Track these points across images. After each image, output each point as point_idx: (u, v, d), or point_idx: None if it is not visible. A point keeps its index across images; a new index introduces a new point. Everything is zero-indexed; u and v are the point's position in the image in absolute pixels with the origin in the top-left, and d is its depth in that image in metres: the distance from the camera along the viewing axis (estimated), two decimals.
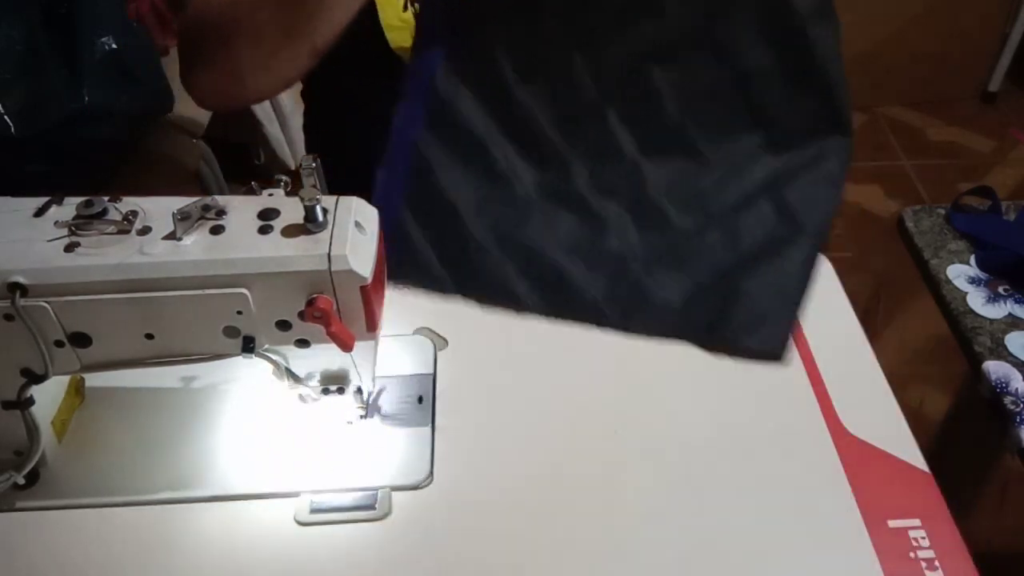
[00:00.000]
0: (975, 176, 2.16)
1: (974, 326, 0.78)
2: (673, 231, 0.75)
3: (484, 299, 0.75)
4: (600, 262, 0.74)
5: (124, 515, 0.61)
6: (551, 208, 0.76)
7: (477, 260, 0.75)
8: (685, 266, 0.74)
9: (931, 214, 0.92)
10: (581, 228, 0.76)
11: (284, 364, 0.61)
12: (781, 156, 0.76)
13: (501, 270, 0.74)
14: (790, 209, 0.74)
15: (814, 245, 0.73)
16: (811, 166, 0.76)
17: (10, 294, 0.52)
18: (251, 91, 0.82)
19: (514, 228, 0.76)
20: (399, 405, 0.67)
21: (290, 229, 0.54)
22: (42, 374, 0.57)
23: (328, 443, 0.64)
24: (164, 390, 0.69)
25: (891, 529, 0.57)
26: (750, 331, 0.70)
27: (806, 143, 0.76)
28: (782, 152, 0.76)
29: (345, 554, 0.58)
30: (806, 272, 0.72)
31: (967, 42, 2.30)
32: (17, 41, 1.10)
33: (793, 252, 0.72)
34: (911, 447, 0.63)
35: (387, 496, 0.61)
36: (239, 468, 0.63)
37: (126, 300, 0.53)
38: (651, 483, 0.62)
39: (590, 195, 0.76)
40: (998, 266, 0.84)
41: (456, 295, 0.75)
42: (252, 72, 0.76)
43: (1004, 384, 0.72)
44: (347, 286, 0.54)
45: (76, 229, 0.54)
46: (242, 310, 0.55)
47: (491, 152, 0.76)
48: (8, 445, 0.61)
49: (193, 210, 0.54)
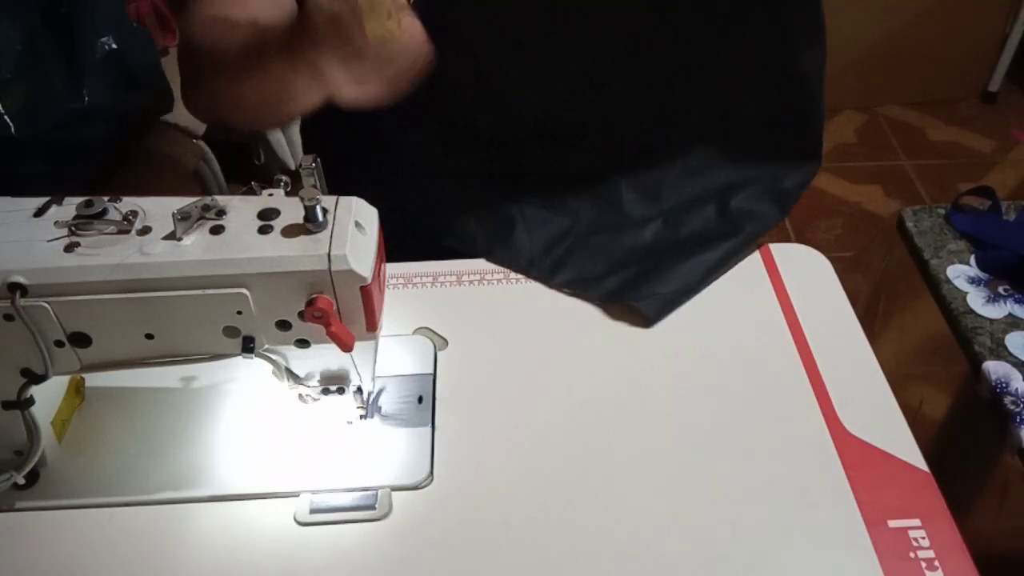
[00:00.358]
0: (975, 176, 2.16)
1: (974, 326, 0.78)
2: (622, 215, 0.81)
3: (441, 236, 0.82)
4: (548, 223, 0.81)
5: (124, 515, 0.61)
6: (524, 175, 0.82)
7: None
8: (619, 242, 0.79)
9: (931, 214, 0.92)
10: (543, 193, 0.81)
11: (284, 364, 0.61)
12: (741, 169, 0.80)
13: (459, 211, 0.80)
14: (731, 215, 0.79)
15: (734, 248, 0.77)
16: (767, 181, 0.79)
17: (10, 294, 0.52)
18: (239, 125, 0.83)
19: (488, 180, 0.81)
20: (399, 405, 0.67)
21: (290, 229, 0.54)
22: (42, 374, 0.57)
23: (328, 443, 0.64)
24: (164, 390, 0.69)
25: (891, 529, 0.57)
26: (641, 295, 0.74)
27: (770, 162, 0.80)
28: (745, 165, 0.80)
29: (345, 554, 0.58)
30: (716, 267, 0.77)
31: (967, 42, 2.30)
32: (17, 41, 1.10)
33: (716, 248, 0.77)
34: (911, 447, 0.63)
35: (387, 496, 0.61)
36: (239, 468, 0.63)
37: (126, 300, 0.53)
38: (651, 482, 0.62)
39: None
40: (998, 266, 0.84)
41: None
42: (235, 117, 0.77)
43: (1004, 384, 0.72)
44: (347, 286, 0.54)
45: (76, 229, 0.54)
46: (242, 310, 0.55)
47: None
48: (8, 445, 0.61)
49: (193, 210, 0.54)
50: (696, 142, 0.81)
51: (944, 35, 2.28)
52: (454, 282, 0.79)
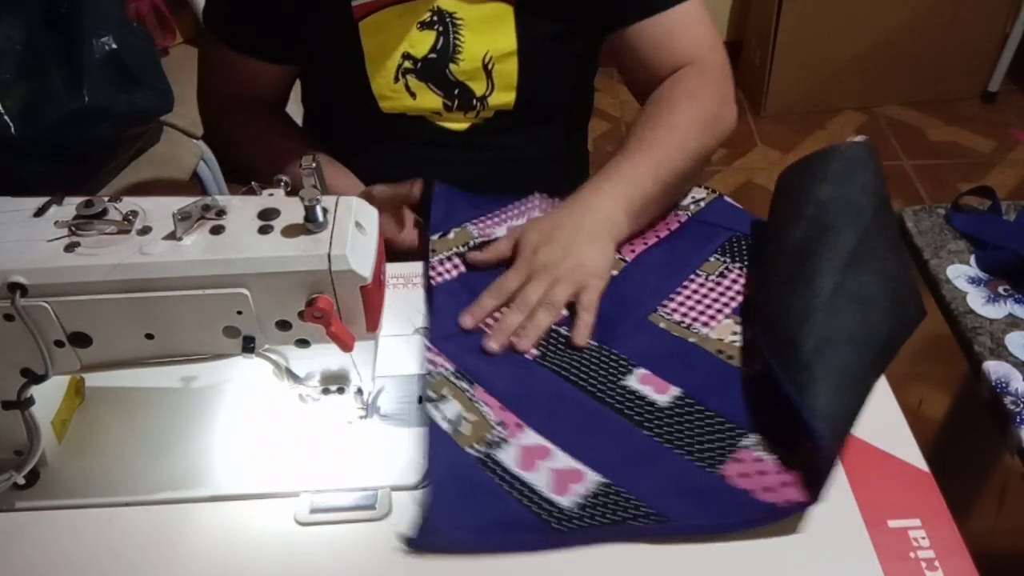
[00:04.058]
0: (975, 176, 2.16)
1: (974, 326, 0.78)
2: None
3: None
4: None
5: (124, 515, 0.61)
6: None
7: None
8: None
9: (931, 214, 0.92)
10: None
11: (284, 364, 0.61)
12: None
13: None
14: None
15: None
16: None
17: (10, 294, 0.52)
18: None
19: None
20: (399, 405, 0.67)
21: (290, 229, 0.54)
22: (42, 374, 0.57)
23: (328, 443, 0.64)
24: (164, 390, 0.69)
25: (891, 529, 0.57)
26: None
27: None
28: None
29: (345, 554, 0.58)
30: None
31: (967, 42, 2.30)
32: (17, 41, 1.10)
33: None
34: (911, 447, 0.63)
35: (387, 496, 0.61)
36: (239, 468, 0.63)
37: (126, 300, 0.53)
38: None
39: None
40: (998, 266, 0.84)
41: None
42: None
43: (1004, 384, 0.72)
44: (347, 286, 0.54)
45: (76, 229, 0.54)
46: (242, 310, 0.55)
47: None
48: (8, 445, 0.61)
49: (193, 210, 0.54)
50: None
51: (944, 35, 2.28)
52: None
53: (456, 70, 0.87)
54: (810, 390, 0.60)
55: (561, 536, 0.57)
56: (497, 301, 0.73)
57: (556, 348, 0.71)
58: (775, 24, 2.25)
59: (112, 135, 1.24)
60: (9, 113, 1.08)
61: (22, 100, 1.09)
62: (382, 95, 0.88)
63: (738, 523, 0.57)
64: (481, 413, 0.65)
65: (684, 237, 0.82)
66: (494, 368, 0.69)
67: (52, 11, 1.14)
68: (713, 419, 0.64)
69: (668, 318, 0.73)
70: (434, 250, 0.79)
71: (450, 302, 0.74)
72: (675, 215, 0.85)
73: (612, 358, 0.69)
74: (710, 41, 0.87)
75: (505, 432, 0.64)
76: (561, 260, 0.73)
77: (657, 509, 0.58)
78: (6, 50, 1.09)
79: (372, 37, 0.85)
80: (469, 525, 0.58)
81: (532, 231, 0.76)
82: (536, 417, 0.65)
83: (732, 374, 0.68)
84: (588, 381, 0.67)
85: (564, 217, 0.76)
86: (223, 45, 0.91)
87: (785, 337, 0.64)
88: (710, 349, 0.70)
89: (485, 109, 0.90)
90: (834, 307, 0.64)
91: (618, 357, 0.69)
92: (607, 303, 0.73)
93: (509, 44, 0.86)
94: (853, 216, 0.71)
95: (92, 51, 1.14)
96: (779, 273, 0.70)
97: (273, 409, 0.67)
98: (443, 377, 0.67)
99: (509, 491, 0.60)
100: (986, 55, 2.35)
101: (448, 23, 0.85)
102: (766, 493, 0.58)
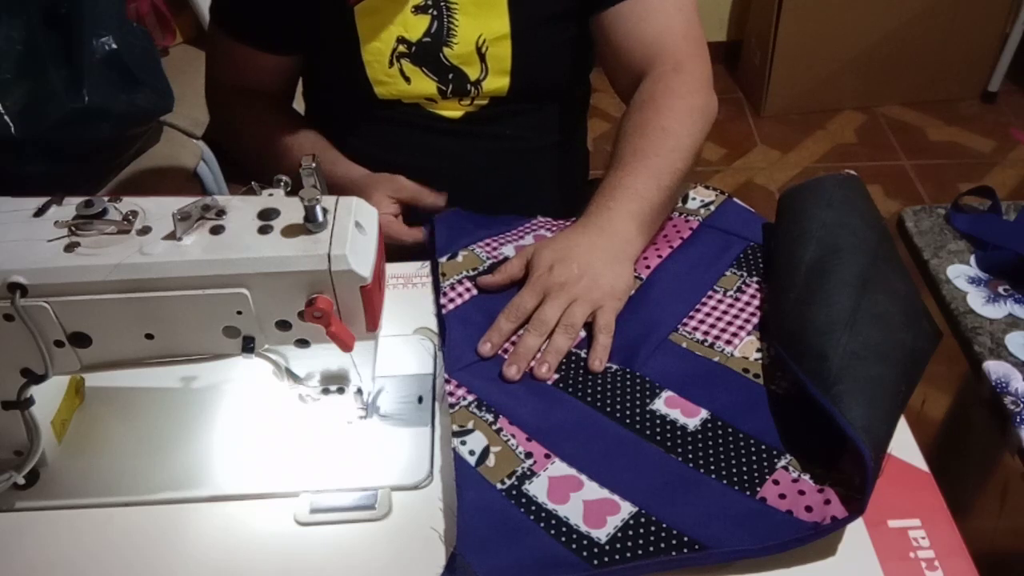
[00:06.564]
0: (975, 176, 2.16)
1: (974, 326, 0.78)
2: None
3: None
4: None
5: (124, 515, 0.61)
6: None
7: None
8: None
9: (931, 214, 0.92)
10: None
11: (284, 364, 0.61)
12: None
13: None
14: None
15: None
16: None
17: (10, 294, 0.52)
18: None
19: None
20: (399, 405, 0.67)
21: (290, 229, 0.54)
22: (42, 374, 0.57)
23: (328, 443, 0.64)
24: (164, 390, 0.69)
25: (891, 529, 0.57)
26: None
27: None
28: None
29: (345, 554, 0.58)
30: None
31: (967, 42, 2.31)
32: (17, 41, 1.10)
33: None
34: (911, 447, 0.63)
35: (387, 496, 0.61)
36: (239, 468, 0.63)
37: (126, 300, 0.53)
38: None
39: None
40: (998, 266, 0.84)
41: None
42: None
43: (1004, 384, 0.72)
44: (347, 286, 0.54)
45: (76, 229, 0.54)
46: (242, 310, 0.54)
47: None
48: (8, 445, 0.61)
49: (193, 210, 0.54)
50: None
51: (944, 35, 2.28)
52: None
53: (450, 54, 0.87)
54: (843, 403, 0.59)
55: (601, 574, 0.55)
56: (515, 323, 0.71)
57: (577, 372, 0.69)
58: (775, 24, 2.25)
59: (112, 135, 1.24)
60: (9, 113, 1.08)
61: (22, 100, 1.09)
62: (377, 80, 0.88)
63: (782, 545, 0.56)
64: (508, 445, 0.63)
65: (698, 246, 0.81)
66: (516, 397, 0.67)
67: (52, 11, 1.14)
68: (747, 441, 0.62)
69: (690, 337, 0.71)
70: (444, 273, 0.77)
71: (465, 329, 0.72)
72: (686, 221, 0.83)
73: (637, 381, 0.68)
74: (683, 27, 0.86)
75: (534, 464, 0.62)
76: (578, 278, 0.72)
77: (696, 536, 0.56)
78: (6, 50, 1.09)
79: (367, 21, 0.86)
80: (503, 564, 0.55)
81: (545, 249, 0.75)
82: (565, 447, 0.63)
83: (760, 393, 0.66)
84: (614, 407, 0.66)
85: (577, 236, 0.75)
86: (227, 36, 0.92)
87: (811, 351, 0.63)
88: (735, 368, 0.68)
89: (479, 95, 0.90)
90: (856, 323, 0.64)
91: (643, 380, 0.68)
92: (626, 324, 0.72)
93: (502, 27, 0.86)
94: (860, 240, 0.71)
95: (92, 51, 1.14)
96: (795, 290, 0.70)
97: (273, 409, 0.67)
98: (465, 409, 0.65)
99: (543, 527, 0.58)
100: (986, 55, 2.35)
101: (442, 6, 0.85)
102: (807, 512, 0.57)
